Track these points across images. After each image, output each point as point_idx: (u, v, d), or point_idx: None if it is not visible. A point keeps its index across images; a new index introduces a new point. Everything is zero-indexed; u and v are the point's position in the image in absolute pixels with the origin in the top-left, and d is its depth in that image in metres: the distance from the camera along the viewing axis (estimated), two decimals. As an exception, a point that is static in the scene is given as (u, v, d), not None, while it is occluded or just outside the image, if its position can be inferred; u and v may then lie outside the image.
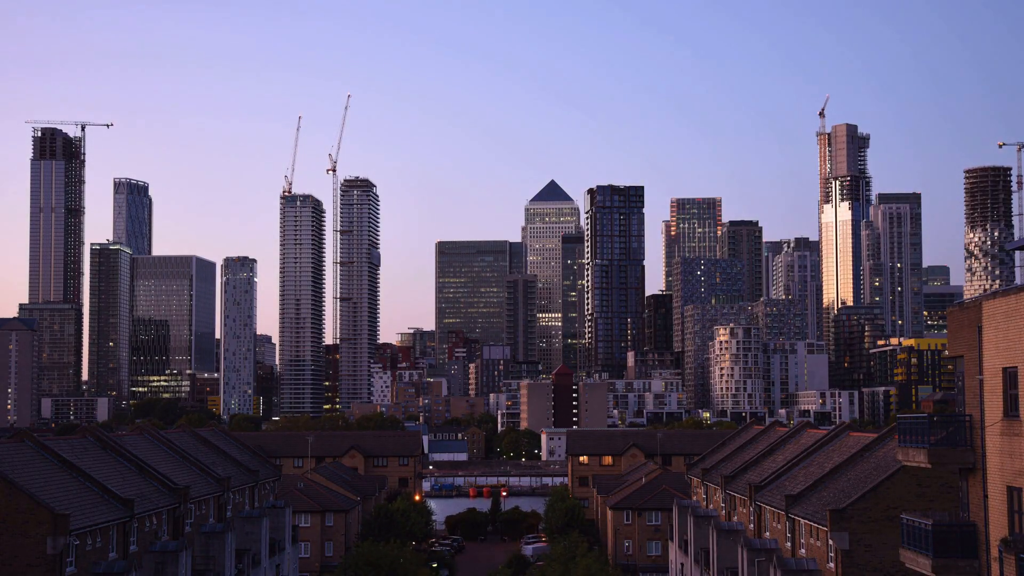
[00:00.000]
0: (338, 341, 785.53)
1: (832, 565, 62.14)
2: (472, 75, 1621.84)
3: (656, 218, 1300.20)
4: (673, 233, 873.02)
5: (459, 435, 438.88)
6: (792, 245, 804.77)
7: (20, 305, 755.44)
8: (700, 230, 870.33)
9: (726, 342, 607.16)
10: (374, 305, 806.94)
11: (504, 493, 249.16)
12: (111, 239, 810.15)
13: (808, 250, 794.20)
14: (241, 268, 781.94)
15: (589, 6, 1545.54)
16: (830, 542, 61.66)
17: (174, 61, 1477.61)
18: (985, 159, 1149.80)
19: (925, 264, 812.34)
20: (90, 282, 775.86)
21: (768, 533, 79.91)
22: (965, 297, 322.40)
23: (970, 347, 43.20)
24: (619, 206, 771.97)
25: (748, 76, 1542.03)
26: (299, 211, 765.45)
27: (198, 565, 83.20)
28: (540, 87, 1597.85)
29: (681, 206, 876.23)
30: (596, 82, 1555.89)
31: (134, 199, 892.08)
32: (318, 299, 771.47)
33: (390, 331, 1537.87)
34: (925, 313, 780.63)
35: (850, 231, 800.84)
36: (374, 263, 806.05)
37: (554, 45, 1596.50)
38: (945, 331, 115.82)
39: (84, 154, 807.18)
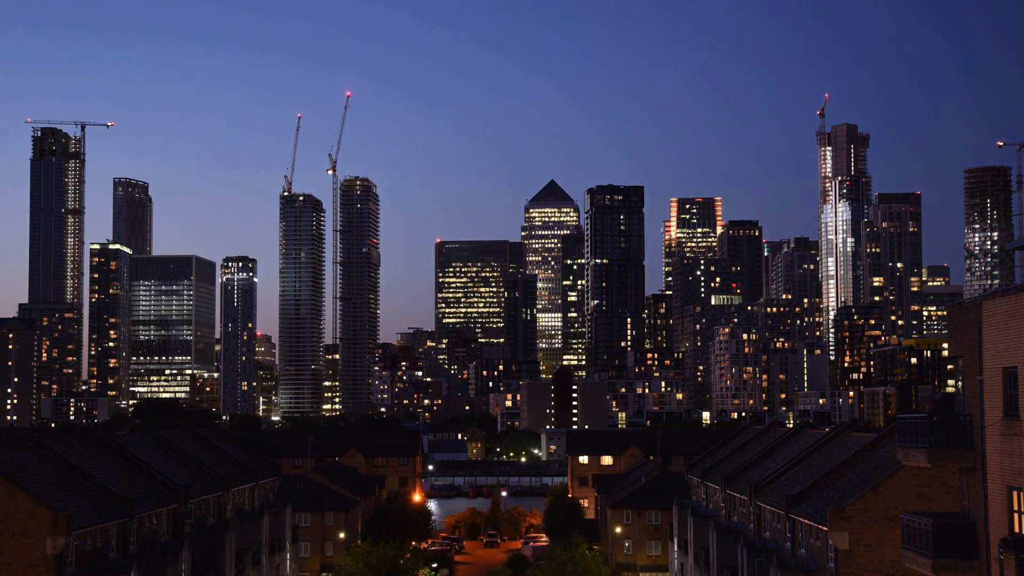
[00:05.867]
0: (338, 341, 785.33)
1: (832, 565, 62.13)
2: (472, 75, 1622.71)
3: (656, 218, 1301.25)
4: (673, 233, 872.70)
5: (459, 435, 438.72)
6: (792, 245, 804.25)
7: (20, 305, 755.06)
8: (700, 230, 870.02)
9: (726, 342, 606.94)
10: (374, 305, 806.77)
11: (504, 493, 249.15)
12: (111, 239, 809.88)
13: (808, 250, 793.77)
14: (241, 268, 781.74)
15: (589, 6, 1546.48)
16: (830, 542, 61.64)
17: (174, 61, 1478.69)
18: (985, 159, 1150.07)
19: (925, 264, 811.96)
20: (90, 282, 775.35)
21: (768, 533, 79.90)
22: (965, 297, 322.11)
23: (970, 347, 43.17)
24: (619, 206, 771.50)
25: (748, 76, 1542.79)
26: (299, 211, 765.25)
27: (198, 565, 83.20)
28: (540, 87, 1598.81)
29: (681, 206, 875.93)
30: (596, 82, 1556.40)
31: (134, 199, 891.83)
32: (318, 299, 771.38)
33: (390, 331, 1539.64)
34: (925, 313, 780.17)
35: (850, 231, 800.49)
36: (374, 263, 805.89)
37: (554, 45, 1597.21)
38: (945, 331, 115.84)
39: (84, 154, 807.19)
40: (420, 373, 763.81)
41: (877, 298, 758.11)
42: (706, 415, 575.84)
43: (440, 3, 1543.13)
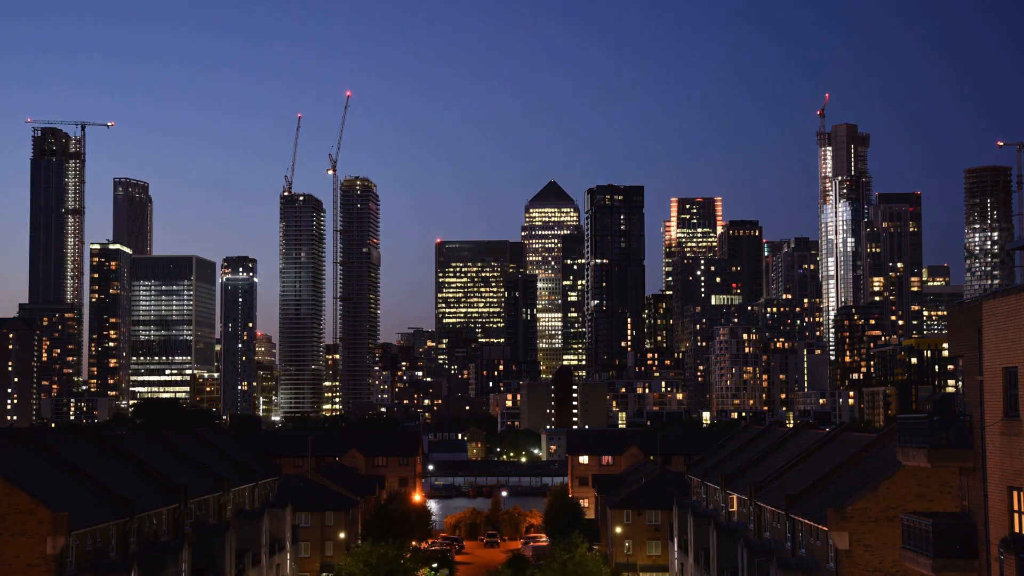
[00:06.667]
0: (338, 341, 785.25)
1: (832, 565, 62.10)
2: (472, 75, 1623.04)
3: (656, 218, 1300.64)
4: (673, 233, 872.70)
5: (459, 435, 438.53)
6: (792, 245, 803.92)
7: (20, 305, 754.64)
8: (700, 230, 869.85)
9: (726, 342, 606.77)
10: (374, 305, 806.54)
11: (504, 493, 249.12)
12: (111, 239, 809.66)
13: (808, 250, 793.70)
14: (241, 268, 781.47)
15: (590, 7, 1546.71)
16: (830, 542, 61.62)
17: (174, 61, 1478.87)
18: (985, 159, 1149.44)
19: (925, 264, 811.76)
20: (90, 282, 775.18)
21: (768, 533, 79.88)
22: (965, 297, 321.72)
23: (970, 347, 43.15)
24: (619, 206, 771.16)
25: (748, 76, 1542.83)
26: (299, 211, 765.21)
27: (198, 565, 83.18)
28: (540, 87, 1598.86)
29: (681, 206, 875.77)
30: (596, 83, 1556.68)
31: (134, 199, 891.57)
32: (318, 299, 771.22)
33: (390, 331, 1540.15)
34: (925, 313, 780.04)
35: (850, 231, 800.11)
36: (374, 263, 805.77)
37: (554, 45, 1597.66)
38: (945, 331, 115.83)
39: (84, 154, 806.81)
40: (420, 373, 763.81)
41: (877, 298, 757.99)
42: (706, 415, 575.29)
43: (440, 5, 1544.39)
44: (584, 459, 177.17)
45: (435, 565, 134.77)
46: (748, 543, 76.44)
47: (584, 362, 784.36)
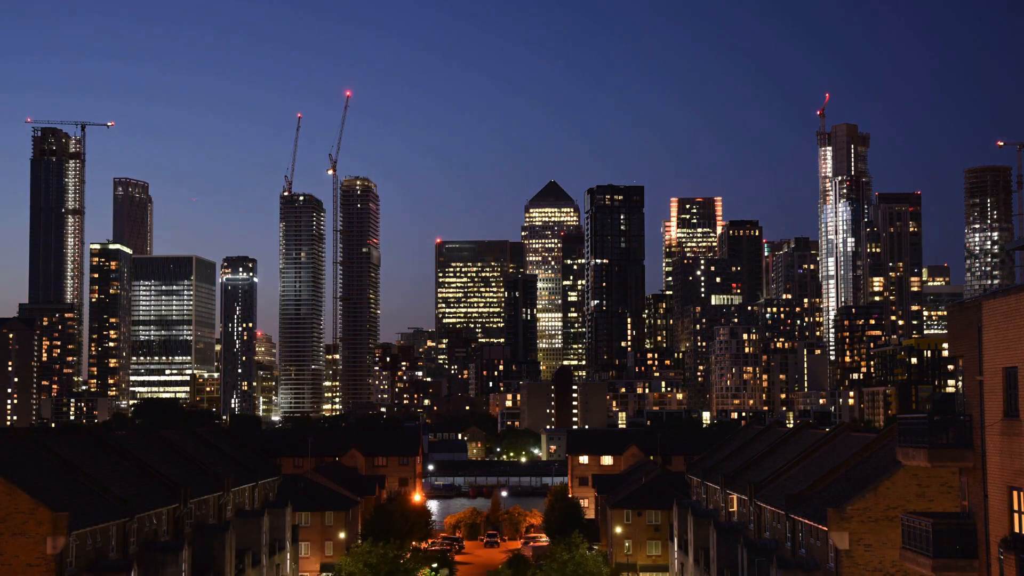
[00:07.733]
0: (338, 341, 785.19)
1: (832, 565, 62.09)
2: (471, 74, 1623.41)
3: (656, 218, 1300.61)
4: (673, 233, 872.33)
5: (459, 435, 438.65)
6: (792, 245, 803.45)
7: (20, 305, 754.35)
8: (700, 230, 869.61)
9: (726, 342, 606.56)
10: (374, 305, 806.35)
11: (504, 493, 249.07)
12: (111, 239, 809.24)
13: (808, 250, 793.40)
14: (241, 268, 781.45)
15: (590, 7, 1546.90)
16: (830, 542, 61.61)
17: (174, 61, 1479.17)
18: (985, 159, 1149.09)
19: (925, 264, 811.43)
20: (90, 282, 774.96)
21: (768, 533, 79.85)
22: (965, 297, 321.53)
23: (970, 347, 43.13)
24: (619, 206, 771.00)
25: (748, 76, 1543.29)
26: (299, 211, 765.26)
27: (198, 565, 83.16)
28: (540, 87, 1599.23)
29: (681, 206, 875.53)
30: (597, 83, 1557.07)
31: (134, 199, 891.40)
32: (318, 299, 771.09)
33: (390, 331, 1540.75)
34: (925, 313, 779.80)
35: (850, 231, 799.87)
36: (374, 263, 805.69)
37: (554, 46, 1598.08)
38: (945, 331, 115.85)
39: (84, 154, 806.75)
40: (420, 373, 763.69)
41: (877, 298, 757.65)
42: (706, 415, 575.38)
43: (440, 5, 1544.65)
44: (584, 459, 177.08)
45: (435, 565, 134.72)
46: (748, 543, 76.42)
47: (584, 362, 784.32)
